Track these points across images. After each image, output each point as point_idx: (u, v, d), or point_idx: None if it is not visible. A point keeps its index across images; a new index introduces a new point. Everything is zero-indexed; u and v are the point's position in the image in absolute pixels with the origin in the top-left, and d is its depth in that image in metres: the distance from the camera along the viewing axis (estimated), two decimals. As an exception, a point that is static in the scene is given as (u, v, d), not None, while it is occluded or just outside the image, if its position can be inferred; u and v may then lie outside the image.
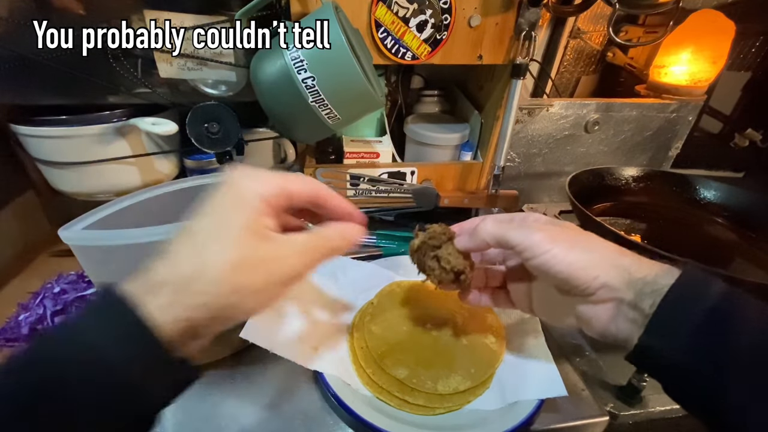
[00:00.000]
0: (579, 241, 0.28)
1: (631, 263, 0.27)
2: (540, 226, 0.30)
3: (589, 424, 0.37)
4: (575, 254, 0.27)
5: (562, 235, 0.28)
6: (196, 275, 0.20)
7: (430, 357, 0.40)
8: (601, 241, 0.29)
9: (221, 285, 0.21)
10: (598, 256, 0.27)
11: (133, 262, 0.33)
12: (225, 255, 0.21)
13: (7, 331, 0.42)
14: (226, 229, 0.22)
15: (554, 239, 0.28)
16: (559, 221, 0.31)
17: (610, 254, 0.28)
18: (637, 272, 0.26)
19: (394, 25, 0.47)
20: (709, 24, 0.74)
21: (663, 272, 0.26)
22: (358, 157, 0.59)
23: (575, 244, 0.28)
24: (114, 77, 0.47)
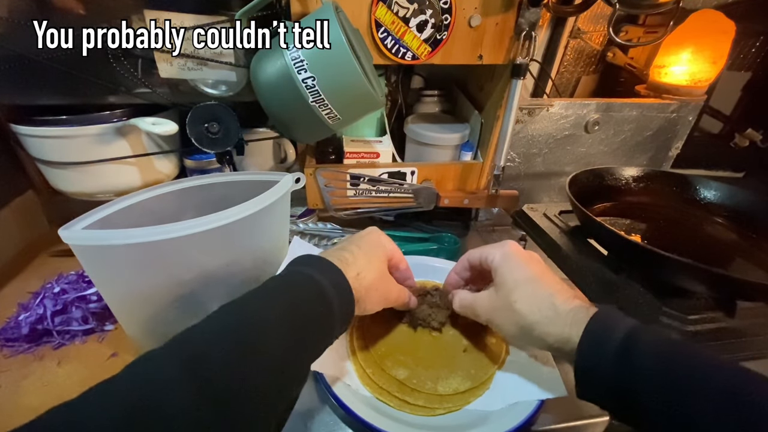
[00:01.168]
0: (507, 316, 0.34)
1: (545, 327, 0.32)
2: (480, 303, 0.37)
3: (589, 424, 0.37)
4: (506, 328, 0.35)
5: (495, 312, 0.35)
6: (362, 276, 0.34)
7: (430, 358, 0.40)
8: (524, 307, 0.33)
9: (370, 286, 0.35)
10: (518, 329, 0.33)
11: (133, 261, 0.33)
12: (373, 272, 0.36)
13: (7, 331, 0.42)
14: (378, 259, 0.37)
15: (489, 317, 0.36)
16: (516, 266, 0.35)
17: (527, 325, 0.33)
18: (551, 335, 0.31)
19: (394, 25, 0.47)
20: (709, 24, 0.74)
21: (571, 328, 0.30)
22: (358, 157, 0.59)
23: (504, 319, 0.35)
24: (114, 77, 0.47)
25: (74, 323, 0.44)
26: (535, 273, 0.34)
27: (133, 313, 0.37)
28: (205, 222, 0.32)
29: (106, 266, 0.33)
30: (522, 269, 0.35)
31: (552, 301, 0.32)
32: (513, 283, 0.34)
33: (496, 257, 0.36)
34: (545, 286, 0.33)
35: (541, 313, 0.32)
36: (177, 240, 0.31)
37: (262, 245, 0.41)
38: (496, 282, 0.36)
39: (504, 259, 0.36)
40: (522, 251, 0.36)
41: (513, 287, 0.34)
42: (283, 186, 0.39)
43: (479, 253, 0.39)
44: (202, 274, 0.36)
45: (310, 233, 0.60)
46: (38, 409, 0.35)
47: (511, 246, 0.37)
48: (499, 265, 0.35)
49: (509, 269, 0.35)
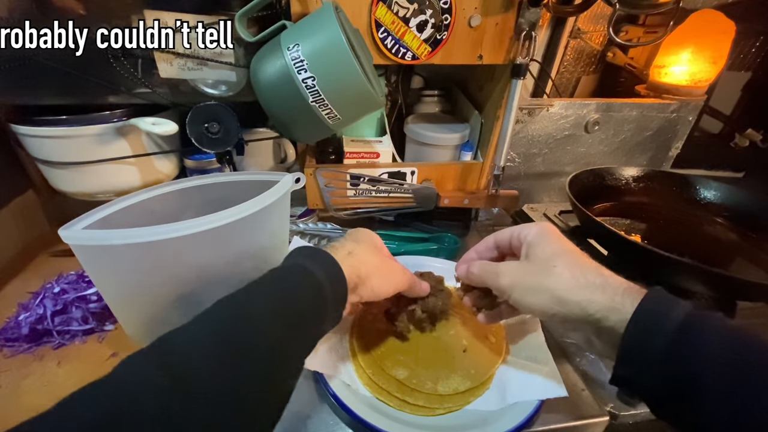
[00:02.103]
0: (539, 281, 0.31)
1: (589, 294, 0.29)
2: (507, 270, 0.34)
3: (589, 424, 0.37)
4: (531, 298, 0.32)
5: (525, 278, 0.33)
6: (355, 253, 0.34)
7: (430, 358, 0.40)
8: (566, 271, 0.31)
9: (368, 262, 0.34)
10: (550, 297, 0.31)
11: (133, 261, 0.33)
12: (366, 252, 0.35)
13: (7, 331, 0.42)
14: (371, 245, 0.37)
15: (514, 284, 0.33)
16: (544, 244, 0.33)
17: (565, 290, 0.30)
18: (595, 303, 0.29)
19: (394, 25, 0.47)
20: (709, 24, 0.74)
21: (623, 298, 0.28)
22: (358, 157, 0.59)
23: (533, 286, 0.32)
24: (114, 77, 0.47)
25: (74, 323, 0.44)
26: (574, 248, 0.33)
27: (133, 313, 0.37)
28: (205, 222, 0.32)
29: (106, 266, 0.33)
30: (561, 242, 0.33)
31: (599, 272, 0.30)
32: (552, 252, 0.32)
33: (532, 231, 0.34)
34: (589, 259, 0.32)
35: (587, 279, 0.30)
36: (177, 240, 0.31)
37: (262, 245, 0.41)
38: (528, 254, 0.33)
39: (541, 234, 0.34)
40: (556, 230, 0.35)
41: (552, 255, 0.32)
42: (283, 186, 0.39)
43: (510, 231, 0.37)
44: (202, 274, 0.36)
45: (310, 233, 0.60)
46: (38, 409, 0.34)
47: (547, 225, 0.35)
48: (534, 238, 0.34)
49: (547, 242, 0.33)
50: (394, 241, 0.60)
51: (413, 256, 0.54)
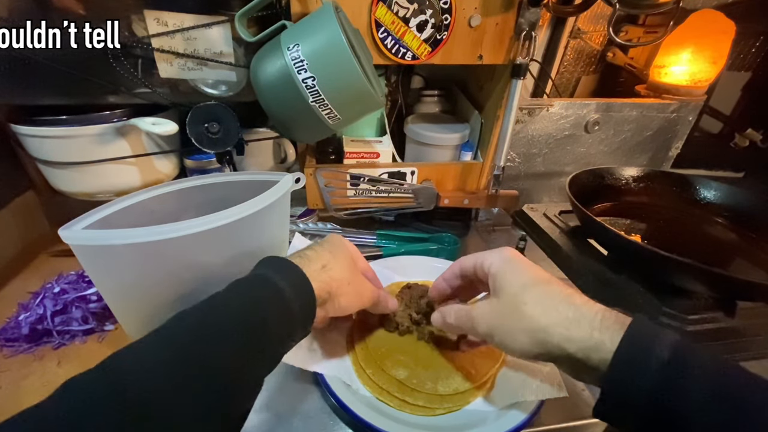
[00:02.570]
0: (514, 325, 0.30)
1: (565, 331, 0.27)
2: (481, 314, 0.33)
3: (589, 424, 0.37)
4: (512, 342, 0.30)
5: (500, 321, 0.31)
6: (329, 268, 0.33)
7: (430, 358, 0.40)
8: (536, 308, 0.29)
9: (340, 279, 0.33)
10: (528, 339, 0.29)
11: (133, 261, 0.33)
12: (340, 265, 0.34)
13: (7, 331, 0.42)
14: (346, 258, 0.36)
15: (491, 330, 0.31)
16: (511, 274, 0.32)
17: (540, 330, 0.28)
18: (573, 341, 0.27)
19: (394, 25, 0.47)
20: (709, 24, 0.74)
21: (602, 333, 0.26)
22: (358, 157, 0.59)
23: (509, 330, 0.30)
24: (114, 77, 0.47)
25: (74, 323, 0.44)
26: (542, 276, 0.31)
27: (132, 313, 0.37)
28: (205, 222, 0.32)
29: (106, 266, 0.33)
30: (527, 272, 0.31)
31: (571, 301, 0.28)
32: (519, 286, 0.30)
33: (495, 262, 0.33)
34: (558, 287, 0.30)
35: (560, 313, 0.28)
36: (177, 240, 0.31)
37: (262, 245, 0.41)
38: (495, 288, 0.32)
39: (504, 264, 0.32)
40: (521, 256, 0.33)
41: (520, 289, 0.30)
42: (283, 186, 0.39)
43: (473, 260, 0.35)
44: (201, 273, 0.36)
45: (310, 233, 0.60)
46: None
47: (509, 251, 0.33)
48: (499, 270, 0.32)
49: (512, 273, 0.31)
50: (394, 241, 0.60)
51: (413, 256, 0.54)
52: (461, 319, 0.34)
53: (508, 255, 0.33)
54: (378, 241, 0.60)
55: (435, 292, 0.40)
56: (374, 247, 0.58)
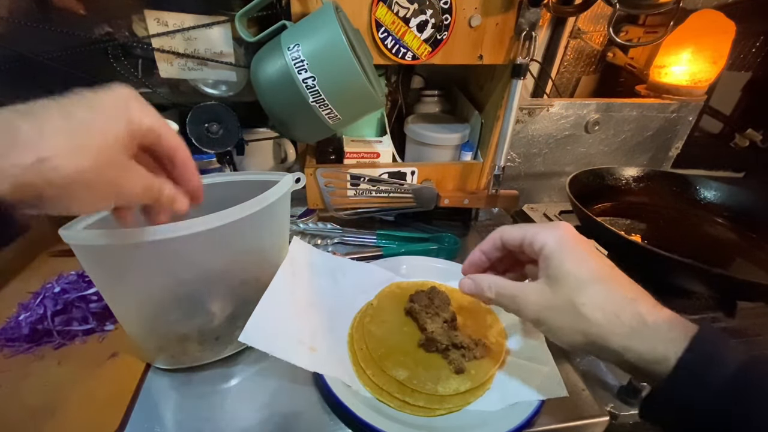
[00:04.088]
0: (569, 323, 0.28)
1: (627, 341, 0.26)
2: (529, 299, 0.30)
3: (589, 424, 0.37)
4: (563, 336, 0.28)
5: (553, 316, 0.29)
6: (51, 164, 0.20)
7: (431, 358, 0.40)
8: (597, 313, 0.27)
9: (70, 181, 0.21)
10: (583, 340, 0.27)
11: (133, 262, 0.33)
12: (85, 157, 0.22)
13: (7, 331, 0.42)
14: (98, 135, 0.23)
15: (540, 319, 0.29)
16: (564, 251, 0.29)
17: (599, 336, 0.27)
18: (633, 351, 0.26)
19: (394, 25, 0.47)
20: (709, 24, 0.74)
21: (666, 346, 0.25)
22: (359, 157, 0.59)
23: (563, 326, 0.28)
24: (114, 77, 0.47)
25: (74, 323, 0.44)
26: (603, 269, 0.28)
27: (133, 313, 0.37)
28: (204, 222, 0.32)
29: (106, 266, 0.33)
30: (587, 263, 0.28)
31: (636, 308, 0.26)
32: (576, 281, 0.27)
33: (549, 242, 0.29)
34: (621, 288, 0.27)
35: (623, 322, 0.26)
36: (177, 240, 0.31)
37: (263, 245, 0.41)
38: (548, 274, 0.29)
39: (561, 247, 0.28)
40: (579, 236, 0.30)
41: (578, 286, 0.27)
42: (283, 186, 0.39)
43: (521, 233, 0.31)
44: (202, 273, 0.36)
45: (310, 233, 0.60)
46: (38, 409, 0.35)
47: (566, 229, 0.30)
48: (553, 253, 0.28)
49: (569, 261, 0.28)
50: (394, 241, 0.60)
51: (413, 256, 0.54)
52: (504, 298, 0.31)
53: (565, 235, 0.29)
54: (378, 241, 0.60)
55: (469, 266, 0.36)
56: (374, 247, 0.58)
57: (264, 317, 0.36)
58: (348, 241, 0.60)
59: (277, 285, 0.39)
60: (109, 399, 0.36)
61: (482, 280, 0.33)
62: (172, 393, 0.38)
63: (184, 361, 0.39)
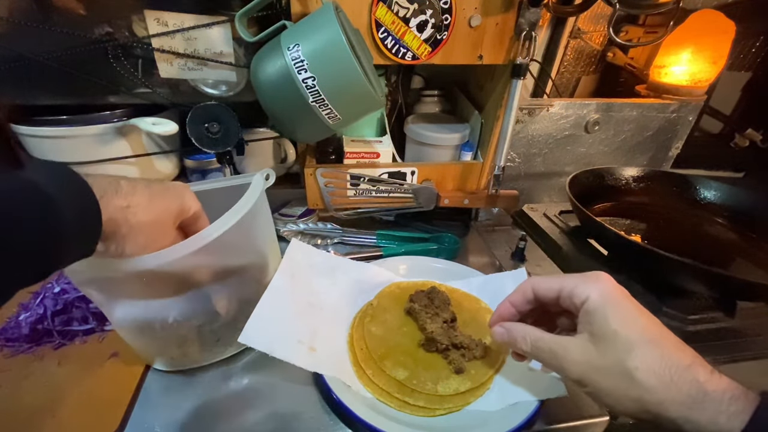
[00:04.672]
0: (621, 387, 0.26)
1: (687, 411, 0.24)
2: (573, 357, 0.28)
3: (589, 424, 0.37)
4: (613, 402, 0.27)
5: (601, 378, 0.27)
6: (134, 211, 0.28)
7: (431, 358, 0.40)
8: (652, 378, 0.25)
9: (139, 226, 0.28)
10: (637, 407, 0.26)
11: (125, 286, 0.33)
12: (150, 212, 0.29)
13: (7, 331, 0.42)
14: (161, 203, 0.30)
15: (586, 379, 0.27)
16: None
17: (656, 404, 0.25)
18: (693, 423, 0.24)
19: (394, 25, 0.47)
20: (709, 24, 0.74)
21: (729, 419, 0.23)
22: (359, 157, 0.59)
23: (613, 391, 0.26)
24: (114, 77, 0.47)
25: (74, 323, 0.44)
26: (654, 329, 0.26)
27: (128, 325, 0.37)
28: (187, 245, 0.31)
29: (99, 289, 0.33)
30: (636, 322, 0.26)
31: (694, 376, 0.24)
32: (627, 342, 0.25)
33: (592, 296, 0.27)
34: (676, 350, 0.25)
35: (681, 390, 0.24)
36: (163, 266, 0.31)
37: (252, 246, 0.40)
38: (592, 331, 0.27)
39: (606, 302, 0.27)
40: (622, 290, 0.28)
41: (628, 347, 0.25)
42: (256, 188, 0.38)
43: (558, 285, 0.30)
44: (197, 282, 0.36)
45: (310, 233, 0.60)
46: (38, 409, 0.35)
47: (608, 282, 0.28)
48: (598, 309, 0.27)
49: (617, 319, 0.26)
50: (394, 241, 0.60)
51: (413, 257, 0.54)
52: (542, 352, 0.30)
53: (608, 288, 0.28)
54: (378, 241, 0.60)
55: (498, 318, 0.34)
56: (374, 247, 0.58)
57: (263, 318, 0.36)
58: (348, 241, 0.60)
59: (276, 286, 0.40)
60: (109, 399, 0.36)
61: (517, 331, 0.31)
62: (172, 393, 0.38)
63: (185, 363, 0.39)
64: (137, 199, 0.28)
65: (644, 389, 0.25)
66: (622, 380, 0.25)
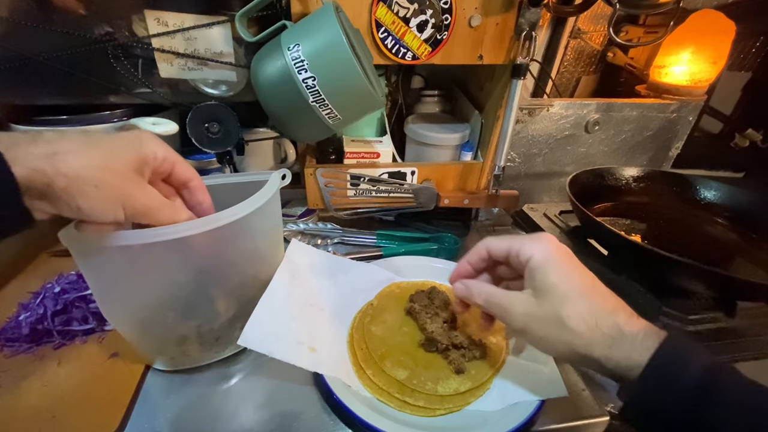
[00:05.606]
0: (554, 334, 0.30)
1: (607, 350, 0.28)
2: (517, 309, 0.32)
3: (589, 424, 0.37)
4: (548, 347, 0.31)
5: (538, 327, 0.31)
6: (62, 158, 0.23)
7: (431, 358, 0.40)
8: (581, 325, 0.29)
9: (77, 175, 0.24)
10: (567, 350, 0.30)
11: (133, 262, 0.33)
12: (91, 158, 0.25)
13: (7, 331, 0.42)
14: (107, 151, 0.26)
15: (527, 329, 0.31)
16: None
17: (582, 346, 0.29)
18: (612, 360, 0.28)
19: (394, 25, 0.47)
20: (709, 24, 0.74)
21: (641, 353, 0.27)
22: (359, 157, 0.59)
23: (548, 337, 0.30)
24: (114, 77, 0.47)
25: (74, 323, 0.44)
26: (586, 282, 0.30)
27: (129, 317, 0.37)
28: (200, 224, 0.31)
29: (103, 269, 0.33)
30: (570, 277, 0.30)
31: (615, 320, 0.28)
32: (562, 295, 0.29)
33: (536, 256, 0.30)
34: (602, 300, 0.29)
35: (604, 333, 0.28)
36: (172, 242, 0.31)
37: (257, 244, 0.40)
38: (536, 288, 0.30)
39: (547, 260, 0.30)
40: (563, 249, 0.31)
41: (563, 299, 0.29)
42: (272, 185, 0.38)
43: (507, 246, 0.33)
44: (198, 276, 0.36)
45: (310, 233, 0.60)
46: (38, 409, 0.35)
47: (551, 242, 0.31)
48: (540, 267, 0.30)
49: (556, 275, 0.30)
50: (394, 241, 0.60)
51: (413, 257, 0.54)
52: (492, 306, 0.33)
53: (550, 247, 0.31)
54: (378, 241, 0.60)
55: (456, 276, 0.38)
56: (374, 247, 0.58)
57: (263, 319, 0.36)
58: (348, 241, 0.60)
59: (275, 286, 0.39)
60: (109, 399, 0.36)
61: (473, 286, 0.35)
62: (172, 393, 0.38)
63: (184, 362, 0.39)
64: (67, 145, 0.24)
65: (574, 335, 0.28)
66: (556, 328, 0.29)
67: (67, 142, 0.24)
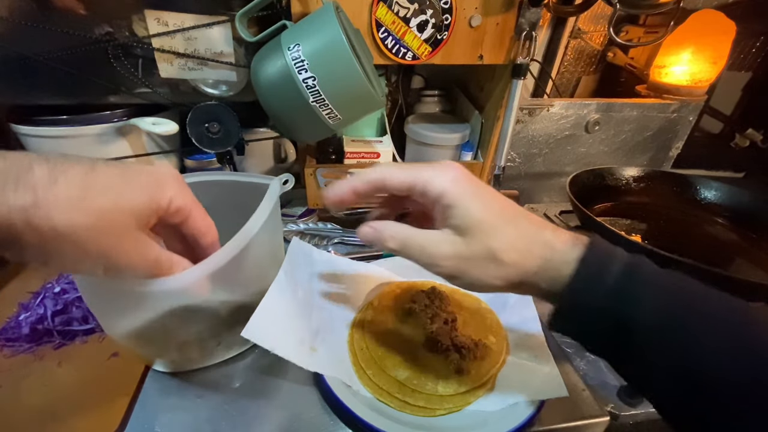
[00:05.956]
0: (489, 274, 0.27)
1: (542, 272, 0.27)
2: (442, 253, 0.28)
3: (589, 424, 0.37)
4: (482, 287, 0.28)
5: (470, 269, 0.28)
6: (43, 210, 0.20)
7: (431, 358, 0.40)
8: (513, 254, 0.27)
9: (64, 234, 0.20)
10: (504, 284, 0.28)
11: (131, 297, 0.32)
12: (84, 214, 0.21)
13: (7, 331, 0.42)
14: (110, 201, 0.22)
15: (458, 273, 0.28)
16: None
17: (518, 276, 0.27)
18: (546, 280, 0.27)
19: (394, 25, 0.47)
20: (709, 24, 0.74)
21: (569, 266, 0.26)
22: (359, 157, 0.59)
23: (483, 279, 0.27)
24: (114, 77, 0.47)
25: (75, 323, 0.44)
26: (506, 208, 0.27)
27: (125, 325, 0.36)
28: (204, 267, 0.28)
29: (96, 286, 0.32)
30: (491, 207, 0.27)
31: (543, 238, 0.26)
32: (489, 228, 0.26)
33: (447, 189, 0.27)
34: (527, 222, 0.27)
35: (536, 256, 0.26)
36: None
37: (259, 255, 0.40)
38: (454, 225, 0.27)
39: (462, 195, 0.27)
40: (470, 176, 0.28)
41: (490, 233, 0.26)
42: (273, 193, 0.38)
43: (410, 179, 0.28)
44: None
45: (310, 233, 0.60)
46: (38, 409, 0.35)
47: (459, 171, 0.28)
48: (455, 201, 0.27)
49: (475, 209, 0.27)
50: (395, 241, 0.60)
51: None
52: (412, 251, 0.29)
53: (462, 181, 0.27)
54: (378, 241, 0.60)
55: (339, 201, 0.31)
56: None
57: (266, 315, 0.36)
58: (348, 241, 0.60)
59: (278, 285, 0.39)
60: (109, 399, 0.36)
61: (384, 229, 0.30)
62: (172, 393, 0.37)
63: (185, 365, 0.39)
64: (58, 192, 0.20)
65: (509, 266, 0.26)
66: (490, 264, 0.27)
67: (62, 186, 0.20)
